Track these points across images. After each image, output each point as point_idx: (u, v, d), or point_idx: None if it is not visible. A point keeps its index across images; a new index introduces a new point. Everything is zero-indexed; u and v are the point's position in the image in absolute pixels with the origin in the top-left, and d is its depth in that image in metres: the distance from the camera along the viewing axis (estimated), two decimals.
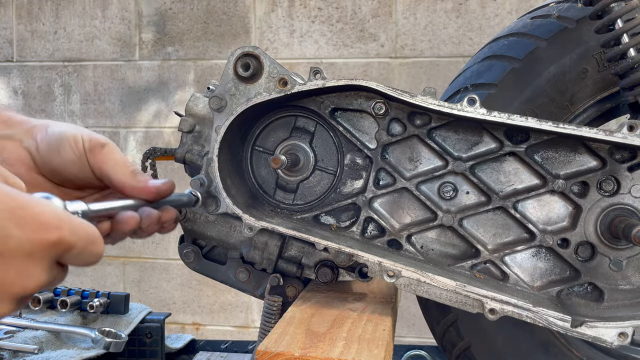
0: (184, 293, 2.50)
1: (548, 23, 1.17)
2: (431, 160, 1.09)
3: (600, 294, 1.04)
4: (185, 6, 2.85)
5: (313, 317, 0.99)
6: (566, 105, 1.13)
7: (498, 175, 1.08)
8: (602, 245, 1.04)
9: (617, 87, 1.10)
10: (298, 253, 1.15)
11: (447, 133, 1.08)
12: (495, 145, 1.07)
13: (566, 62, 1.12)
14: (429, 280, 0.98)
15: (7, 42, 3.02)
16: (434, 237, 1.10)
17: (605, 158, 1.04)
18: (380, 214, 1.10)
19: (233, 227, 1.17)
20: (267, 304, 1.15)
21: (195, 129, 1.15)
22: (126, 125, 2.91)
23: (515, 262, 1.07)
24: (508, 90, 1.14)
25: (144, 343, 1.48)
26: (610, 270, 1.03)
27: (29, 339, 1.28)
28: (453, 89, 1.25)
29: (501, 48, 1.21)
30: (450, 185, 1.08)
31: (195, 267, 1.21)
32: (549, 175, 1.05)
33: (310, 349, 0.83)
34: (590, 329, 0.96)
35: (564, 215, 1.06)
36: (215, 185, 1.01)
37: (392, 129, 1.09)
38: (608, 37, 1.03)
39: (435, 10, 2.31)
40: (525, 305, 0.96)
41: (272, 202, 1.14)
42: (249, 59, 1.03)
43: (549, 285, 1.06)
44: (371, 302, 1.10)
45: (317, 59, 2.61)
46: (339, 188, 1.12)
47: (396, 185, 1.08)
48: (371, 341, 0.88)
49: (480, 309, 0.98)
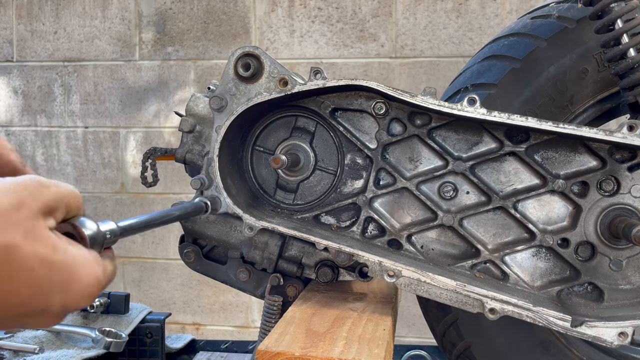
0: (184, 293, 2.50)
1: (548, 23, 1.17)
2: (431, 160, 1.09)
3: (600, 293, 1.04)
4: (185, 6, 2.85)
5: (313, 317, 0.99)
6: (566, 105, 1.13)
7: (498, 175, 1.08)
8: (602, 245, 1.04)
9: (617, 87, 1.11)
10: (298, 253, 1.16)
11: (448, 133, 1.09)
12: (495, 145, 1.07)
13: (566, 62, 1.13)
14: (429, 279, 0.98)
15: (7, 42, 3.02)
16: (434, 236, 1.10)
17: (605, 158, 1.04)
18: (381, 213, 1.10)
19: (233, 227, 1.17)
20: (267, 304, 1.15)
21: (196, 129, 1.15)
22: (126, 125, 2.91)
23: (516, 261, 1.07)
24: (508, 90, 1.14)
25: (144, 343, 1.48)
26: (610, 270, 1.04)
27: (30, 339, 1.28)
28: (453, 89, 1.25)
29: (501, 48, 1.21)
30: (450, 185, 1.08)
31: (195, 267, 1.21)
32: (549, 175, 1.05)
33: (311, 349, 0.83)
34: (590, 329, 0.96)
35: (564, 215, 1.06)
36: (216, 185, 1.01)
37: (392, 129, 1.09)
38: (608, 37, 1.04)
39: (435, 10, 2.31)
40: (525, 305, 0.96)
41: (272, 202, 1.14)
42: (249, 59, 1.03)
43: (549, 285, 1.06)
44: (371, 302, 1.10)
45: (317, 59, 2.61)
46: (339, 188, 1.12)
47: (396, 185, 1.09)
48: (371, 341, 0.88)
49: (481, 309, 0.98)
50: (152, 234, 2.46)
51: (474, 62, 1.25)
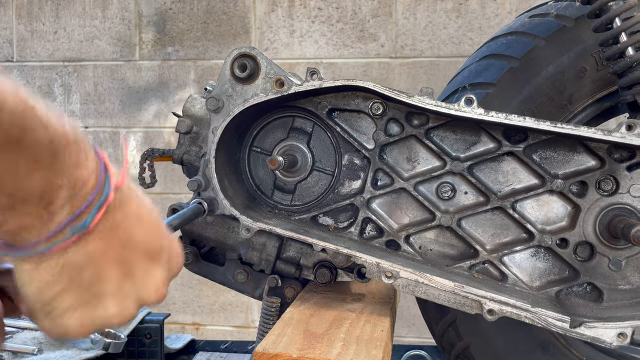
0: (183, 293, 2.50)
1: (546, 22, 1.16)
2: (429, 161, 1.09)
3: (600, 294, 1.04)
4: (185, 6, 2.85)
5: (311, 318, 0.98)
6: (565, 105, 1.13)
7: (496, 175, 1.07)
8: (601, 245, 1.03)
9: (616, 86, 1.10)
10: (296, 254, 1.15)
11: (445, 133, 1.08)
12: (493, 145, 1.07)
13: (565, 61, 1.12)
14: (427, 281, 0.98)
15: (7, 42, 3.02)
16: (432, 237, 1.09)
17: (604, 157, 1.03)
18: (379, 214, 1.09)
19: (231, 229, 1.17)
20: (265, 305, 1.14)
21: (193, 130, 1.15)
22: (126, 125, 2.91)
23: (514, 262, 1.07)
24: (506, 90, 1.14)
25: (143, 343, 1.48)
26: (610, 270, 1.03)
27: (28, 340, 1.29)
28: (451, 88, 1.25)
29: (499, 47, 1.20)
30: (448, 186, 1.08)
31: (193, 269, 1.21)
32: (547, 175, 1.05)
33: (308, 350, 0.83)
34: (589, 330, 0.95)
35: (563, 215, 1.06)
36: (213, 187, 1.01)
37: (389, 129, 1.09)
38: (606, 35, 1.03)
39: (435, 10, 2.30)
40: (523, 306, 0.96)
41: (270, 203, 1.14)
42: (245, 60, 1.03)
43: (548, 285, 1.06)
44: (370, 303, 1.10)
45: (317, 59, 2.61)
46: (337, 189, 1.12)
47: (394, 185, 1.08)
48: (369, 342, 0.88)
49: (479, 310, 0.97)
50: None
51: (472, 62, 1.24)
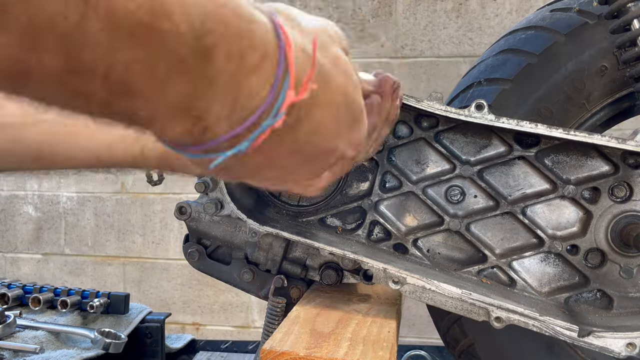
0: (184, 293, 2.49)
1: (568, 17, 1.11)
2: (438, 164, 1.07)
3: (610, 301, 1.02)
4: None
5: (318, 317, 0.98)
6: (583, 104, 1.10)
7: (507, 179, 1.06)
8: (613, 253, 1.02)
9: None
10: (303, 254, 1.14)
11: (455, 136, 1.07)
12: (504, 149, 1.05)
13: (585, 59, 1.08)
14: (434, 287, 0.96)
15: None
16: (440, 241, 1.08)
17: (617, 163, 1.01)
18: (387, 217, 1.08)
19: (238, 228, 1.16)
20: (271, 305, 1.14)
21: None
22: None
23: (523, 267, 1.05)
24: (523, 86, 1.10)
25: (144, 343, 1.47)
26: (621, 278, 1.02)
27: (29, 339, 1.27)
28: (466, 82, 1.20)
29: (518, 42, 1.15)
30: (457, 189, 1.07)
31: (199, 267, 1.20)
32: (559, 180, 1.03)
33: (315, 349, 0.82)
34: (598, 339, 0.94)
35: (574, 221, 1.04)
36: (220, 188, 1.00)
37: (398, 132, 1.07)
38: (624, 38, 1.01)
39: (435, 10, 2.28)
40: (532, 314, 0.94)
41: (277, 204, 1.13)
42: None
43: (557, 292, 1.05)
44: (376, 304, 1.09)
45: None
46: (344, 190, 1.10)
47: (402, 188, 1.07)
48: (376, 342, 0.88)
49: (486, 317, 0.96)
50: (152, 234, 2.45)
51: (488, 55, 1.19)
